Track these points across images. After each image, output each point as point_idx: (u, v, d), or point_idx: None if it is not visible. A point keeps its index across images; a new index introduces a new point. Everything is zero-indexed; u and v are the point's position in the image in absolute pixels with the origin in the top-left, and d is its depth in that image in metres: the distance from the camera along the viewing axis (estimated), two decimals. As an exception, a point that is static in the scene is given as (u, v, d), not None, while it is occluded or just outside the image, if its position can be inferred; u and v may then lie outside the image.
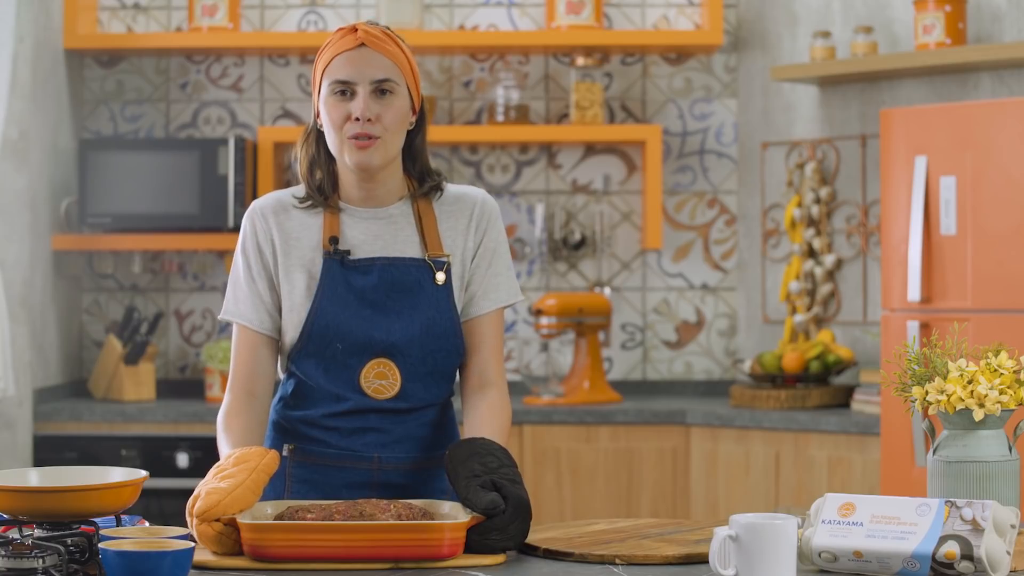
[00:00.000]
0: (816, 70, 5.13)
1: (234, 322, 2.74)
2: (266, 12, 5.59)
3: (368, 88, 2.66)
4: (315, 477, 2.74)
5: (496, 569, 2.31)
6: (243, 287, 2.74)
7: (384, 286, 2.70)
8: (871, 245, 5.26)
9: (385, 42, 2.69)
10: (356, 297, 2.69)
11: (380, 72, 2.67)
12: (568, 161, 5.61)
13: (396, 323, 2.69)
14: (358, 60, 2.67)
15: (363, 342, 2.69)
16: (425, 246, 2.74)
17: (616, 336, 5.59)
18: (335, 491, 2.72)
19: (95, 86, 5.61)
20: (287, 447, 2.76)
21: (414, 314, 2.70)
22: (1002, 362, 2.55)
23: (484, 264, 2.78)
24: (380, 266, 2.71)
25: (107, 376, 5.33)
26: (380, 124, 2.66)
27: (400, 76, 2.69)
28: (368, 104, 2.65)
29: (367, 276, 2.70)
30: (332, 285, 2.69)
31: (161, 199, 5.27)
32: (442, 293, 2.72)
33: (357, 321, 2.68)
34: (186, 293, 5.61)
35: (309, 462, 2.75)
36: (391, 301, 2.70)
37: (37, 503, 2.25)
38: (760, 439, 4.84)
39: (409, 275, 2.71)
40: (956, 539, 2.15)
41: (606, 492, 4.95)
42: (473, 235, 2.77)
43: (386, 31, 2.72)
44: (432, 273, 2.72)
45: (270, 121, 5.61)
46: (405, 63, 2.71)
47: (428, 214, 2.76)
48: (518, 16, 5.58)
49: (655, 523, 2.65)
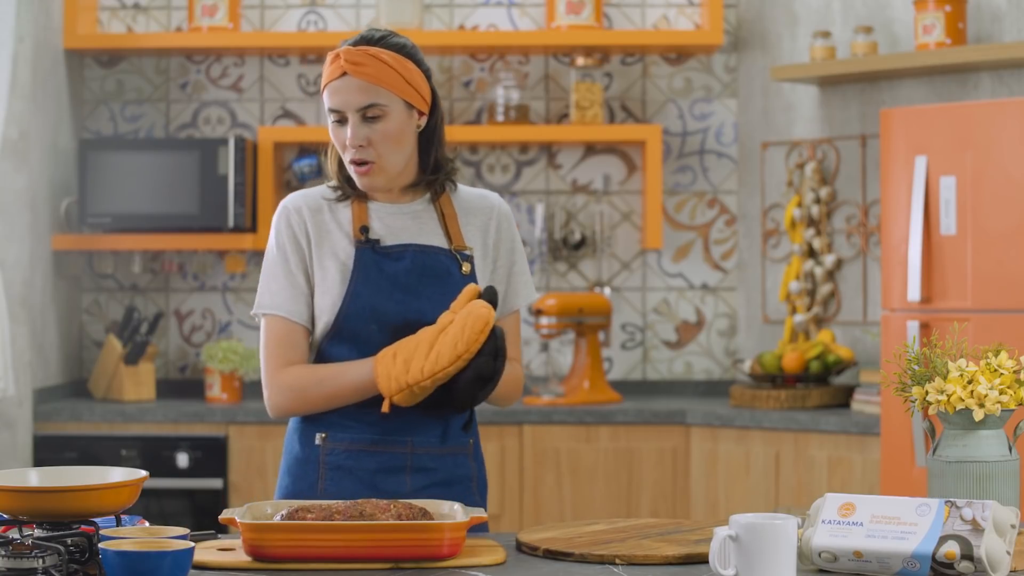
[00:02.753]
0: (816, 70, 5.14)
1: (268, 314, 2.82)
2: (266, 12, 5.59)
3: (356, 116, 2.77)
4: (348, 463, 2.81)
5: (496, 569, 2.31)
6: (280, 280, 2.82)
7: (416, 271, 2.81)
8: (871, 245, 5.26)
9: (368, 65, 2.75)
10: (389, 281, 2.79)
11: (364, 99, 2.76)
12: (568, 161, 5.61)
13: (427, 305, 2.79)
14: (343, 90, 2.77)
15: (397, 324, 2.78)
16: (449, 239, 2.85)
17: (616, 336, 5.59)
18: (368, 476, 2.80)
19: (95, 86, 5.61)
20: (319, 436, 2.82)
21: (444, 298, 2.78)
22: (1002, 362, 2.55)
23: (504, 269, 2.91)
24: (412, 252, 2.82)
25: (107, 376, 5.33)
26: (372, 148, 2.78)
27: (388, 95, 2.77)
28: (357, 132, 2.77)
29: (399, 262, 2.81)
30: (365, 270, 2.79)
31: (161, 199, 5.27)
32: (468, 281, 2.82)
33: (391, 304, 2.78)
34: (186, 293, 5.61)
35: (342, 449, 2.81)
36: (422, 285, 2.80)
37: (37, 503, 2.25)
38: (760, 439, 4.85)
39: (439, 262, 2.82)
40: (956, 539, 2.15)
41: (606, 492, 4.95)
42: (493, 235, 2.90)
43: (370, 50, 2.77)
44: (459, 263, 2.83)
45: (270, 121, 5.61)
46: (394, 77, 2.76)
47: (449, 210, 2.87)
48: (518, 16, 5.58)
49: (655, 523, 2.65)
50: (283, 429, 4.95)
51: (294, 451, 2.86)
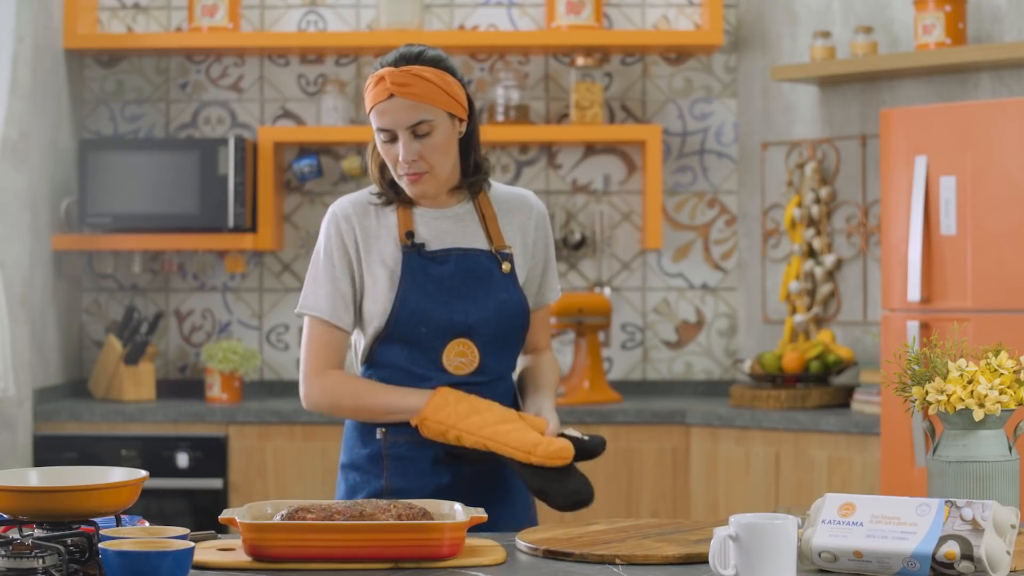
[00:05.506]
0: (816, 70, 5.14)
1: (311, 315, 2.98)
2: (266, 12, 5.59)
3: (406, 134, 2.90)
4: (409, 454, 2.97)
5: (496, 569, 2.31)
6: (325, 284, 2.98)
7: (460, 274, 2.97)
8: (871, 245, 5.26)
9: (413, 85, 2.88)
10: (435, 284, 2.95)
11: (413, 117, 2.89)
12: (568, 161, 5.61)
13: (472, 306, 2.96)
14: (391, 110, 2.90)
15: (445, 324, 2.95)
16: (490, 240, 3.01)
17: (616, 336, 5.59)
18: (427, 464, 2.96)
19: (95, 86, 5.61)
20: (379, 431, 2.98)
21: (487, 298, 2.97)
22: (1002, 362, 2.55)
23: (540, 266, 3.09)
24: (456, 256, 2.98)
25: (107, 376, 5.33)
26: (424, 160, 2.92)
27: (434, 109, 2.90)
28: (408, 147, 2.91)
29: (444, 265, 2.97)
30: (412, 275, 2.95)
31: (161, 199, 5.27)
32: (509, 280, 3.00)
33: (438, 306, 2.95)
34: (186, 293, 5.61)
35: (402, 441, 2.97)
36: (466, 287, 2.97)
37: (37, 503, 2.25)
38: (760, 439, 4.85)
39: (480, 264, 2.98)
40: (956, 539, 2.15)
41: (606, 492, 4.95)
42: (532, 234, 3.06)
43: (412, 69, 2.90)
44: (499, 263, 2.99)
45: (270, 121, 5.61)
46: (438, 92, 2.90)
47: (489, 211, 3.03)
48: (518, 16, 5.58)
49: (655, 523, 2.65)
50: (283, 430, 4.96)
51: (355, 448, 3.03)
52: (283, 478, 4.96)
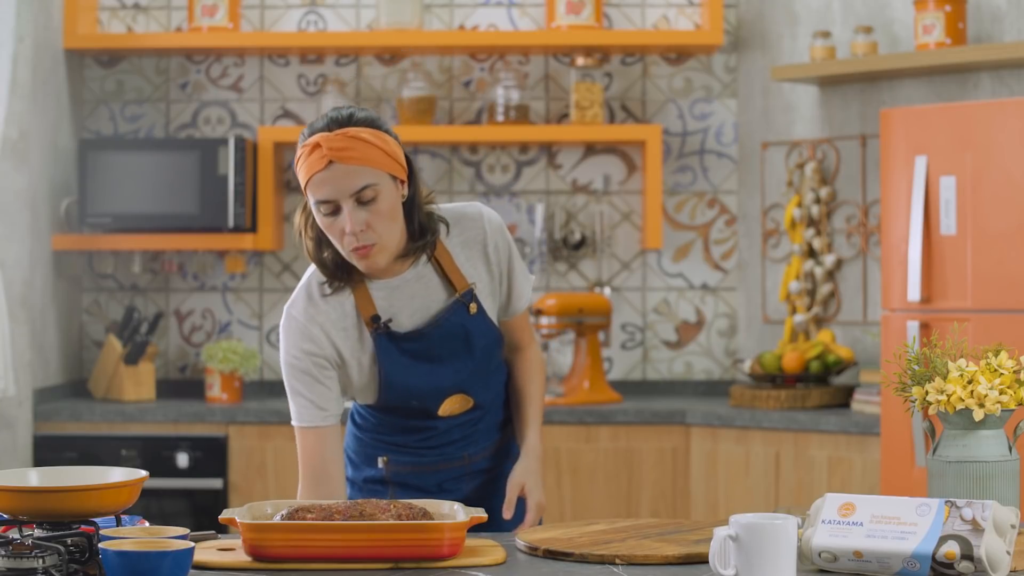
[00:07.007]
0: (816, 70, 5.13)
1: (301, 427, 2.83)
2: (266, 12, 5.59)
3: (350, 202, 2.69)
4: (412, 481, 2.96)
5: (496, 569, 2.31)
6: (303, 395, 2.82)
7: (435, 344, 2.86)
8: (871, 245, 5.26)
9: (351, 148, 2.67)
10: (412, 358, 2.85)
11: (356, 183, 2.68)
12: (568, 161, 5.61)
13: (456, 365, 2.89)
14: (332, 179, 2.68)
15: (434, 392, 2.89)
16: (453, 287, 2.87)
17: (616, 336, 5.59)
18: (433, 488, 2.96)
19: (95, 86, 5.61)
20: (381, 459, 2.96)
21: (469, 352, 2.90)
22: (1002, 362, 2.55)
23: (506, 280, 2.95)
24: (425, 332, 2.85)
25: (107, 376, 5.33)
26: (372, 230, 2.72)
27: (377, 172, 2.70)
28: (355, 217, 2.69)
29: (417, 342, 2.85)
30: (389, 356, 2.83)
31: (161, 199, 5.27)
32: (479, 318, 2.89)
33: (422, 378, 2.87)
34: (186, 293, 5.61)
35: (405, 470, 2.96)
36: (445, 351, 2.88)
37: (37, 503, 2.25)
38: (760, 439, 4.84)
39: (453, 326, 2.87)
40: (956, 539, 2.15)
41: (606, 492, 4.95)
42: (492, 253, 2.92)
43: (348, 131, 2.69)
44: (466, 307, 2.87)
45: (270, 121, 5.61)
46: (378, 153, 2.70)
47: (445, 257, 2.87)
48: (518, 16, 5.58)
49: (655, 523, 2.65)
50: (283, 430, 4.96)
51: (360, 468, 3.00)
52: (283, 478, 4.96)
